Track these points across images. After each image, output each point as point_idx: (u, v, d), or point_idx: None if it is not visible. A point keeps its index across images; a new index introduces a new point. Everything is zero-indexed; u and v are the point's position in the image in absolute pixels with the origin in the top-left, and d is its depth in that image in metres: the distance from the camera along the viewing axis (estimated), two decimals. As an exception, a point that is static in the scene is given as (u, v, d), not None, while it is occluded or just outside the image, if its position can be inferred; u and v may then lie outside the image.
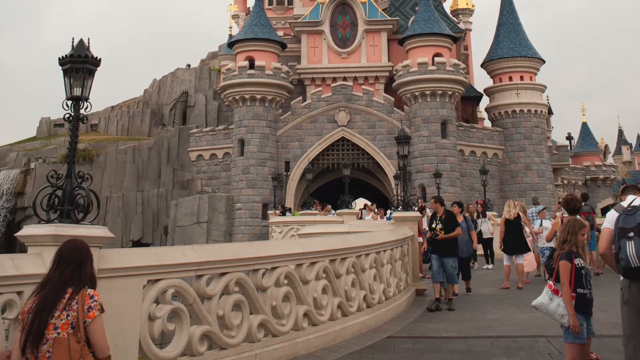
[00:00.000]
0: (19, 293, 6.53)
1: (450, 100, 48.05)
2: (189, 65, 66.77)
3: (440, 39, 48.50)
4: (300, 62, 52.72)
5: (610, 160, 77.44)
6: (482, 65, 55.52)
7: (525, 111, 52.02)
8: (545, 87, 54.32)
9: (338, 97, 49.57)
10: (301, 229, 23.87)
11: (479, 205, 28.52)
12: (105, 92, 63.70)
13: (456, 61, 48.86)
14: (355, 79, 51.76)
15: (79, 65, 7.73)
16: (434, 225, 16.29)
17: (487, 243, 27.17)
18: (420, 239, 19.60)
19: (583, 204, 20.02)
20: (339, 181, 43.74)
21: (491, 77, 54.98)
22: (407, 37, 49.09)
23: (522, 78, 53.19)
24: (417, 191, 44.61)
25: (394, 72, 49.98)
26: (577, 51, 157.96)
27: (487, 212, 28.44)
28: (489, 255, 26.97)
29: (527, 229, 20.55)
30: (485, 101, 56.28)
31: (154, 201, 52.42)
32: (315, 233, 17.43)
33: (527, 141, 51.61)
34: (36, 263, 6.72)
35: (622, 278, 7.66)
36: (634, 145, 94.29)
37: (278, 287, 9.84)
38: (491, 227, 27.03)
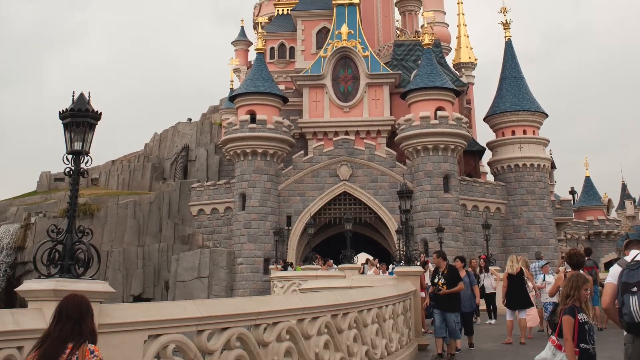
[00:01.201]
0: (19, 348, 6.50)
1: (452, 154, 48.16)
2: (190, 119, 67.05)
3: (442, 93, 48.72)
4: (302, 115, 52.92)
5: (613, 214, 77.35)
6: (484, 119, 55.73)
7: (528, 165, 52.09)
8: (548, 141, 54.46)
9: (340, 151, 49.70)
10: (303, 283, 23.83)
11: (481, 260, 28.46)
12: (106, 146, 63.91)
13: (459, 115, 49.03)
14: (357, 132, 51.90)
15: (80, 119, 7.75)
16: (436, 280, 16.28)
17: (490, 298, 27.08)
18: (423, 294, 19.58)
19: (586, 258, 20.02)
20: (341, 236, 43.72)
21: (494, 131, 55.14)
22: (409, 90, 49.34)
23: (524, 132, 53.33)
24: (420, 246, 44.52)
25: (396, 126, 50.12)
26: (580, 105, 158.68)
27: (490, 267, 28.37)
28: (492, 310, 26.87)
29: (530, 284, 20.49)
30: (488, 155, 56.41)
31: (155, 256, 52.32)
32: (317, 288, 17.40)
33: (530, 195, 51.62)
34: (36, 318, 6.71)
35: (625, 333, 7.65)
36: (637, 200, 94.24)
37: (280, 342, 9.80)
38: (494, 282, 26.96)
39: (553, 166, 61.37)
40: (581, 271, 10.86)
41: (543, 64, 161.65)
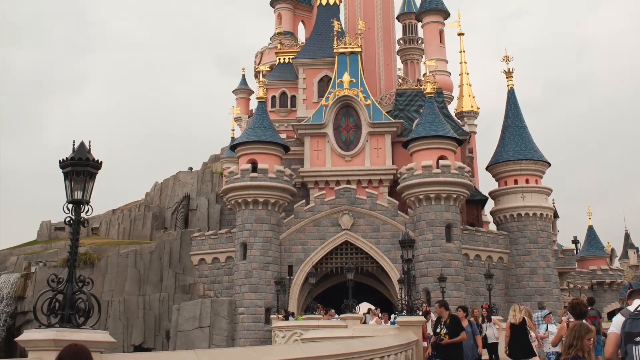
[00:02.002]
0: (20, 397, 6.51)
1: (455, 203, 48.19)
2: (190, 168, 67.18)
3: (444, 142, 48.86)
4: (304, 164, 53.03)
5: (616, 264, 77.15)
6: (487, 168, 55.84)
7: (531, 215, 52.10)
8: (551, 190, 54.53)
9: (341, 200, 49.75)
10: (304, 333, 23.77)
11: (484, 310, 28.33)
12: (106, 195, 63.94)
13: (461, 164, 49.14)
14: (359, 182, 51.97)
15: (80, 168, 7.81)
16: (438, 330, 16.25)
17: (493, 348, 26.91)
18: (425, 344, 19.50)
19: (589, 308, 19.95)
20: (343, 285, 43.56)
21: (496, 180, 55.22)
22: (411, 139, 49.48)
23: (527, 181, 53.41)
24: (422, 295, 44.34)
25: (398, 175, 50.21)
26: (583, 153, 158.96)
27: (493, 317, 28.24)
28: (495, 360, 26.72)
29: (532, 334, 20.41)
30: (490, 204, 56.39)
31: (156, 305, 52.12)
32: (319, 338, 17.36)
33: (533, 245, 51.57)
34: (36, 368, 6.72)
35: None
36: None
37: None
38: (496, 331, 26.81)
39: (556, 215, 61.34)
40: (584, 321, 10.84)
41: (545, 112, 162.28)
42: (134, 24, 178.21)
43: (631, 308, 7.98)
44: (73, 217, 7.66)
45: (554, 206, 57.41)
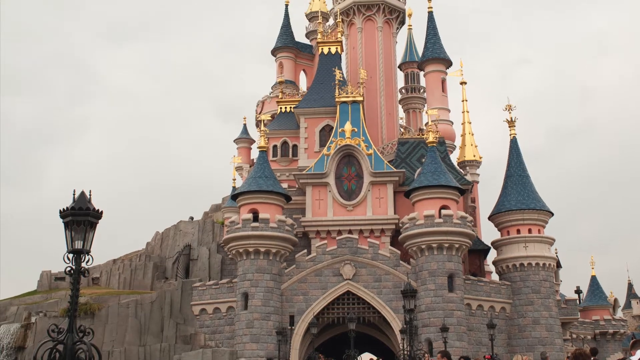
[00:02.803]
0: None
1: (457, 253, 48.23)
2: (192, 218, 67.28)
3: (447, 192, 49.01)
4: (305, 214, 53.21)
5: (619, 314, 76.93)
6: (489, 218, 55.96)
7: (534, 264, 52.13)
8: (554, 240, 54.61)
9: (343, 250, 49.79)
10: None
11: (486, 360, 28.41)
12: (107, 245, 64.05)
13: (463, 214, 49.25)
14: (360, 231, 52.10)
15: (80, 218, 7.93)
16: (439, 380, 16.30)
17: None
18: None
19: (592, 358, 19.99)
20: (345, 335, 43.55)
21: (499, 229, 55.31)
22: (413, 189, 49.60)
23: (530, 231, 53.52)
24: (424, 345, 44.26)
25: (400, 225, 50.31)
26: (586, 202, 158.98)
27: (495, 368, 28.28)
28: (498, 412, 26.71)
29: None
30: (492, 254, 56.44)
31: (157, 356, 51.94)
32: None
33: (535, 295, 51.54)
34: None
35: None
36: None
37: None
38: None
39: (559, 265, 61.27)
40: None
41: (548, 161, 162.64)
42: (134, 74, 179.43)
43: (634, 358, 8.08)
44: (73, 267, 7.77)
45: (556, 256, 57.39)
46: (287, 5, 71.86)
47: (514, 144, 57.79)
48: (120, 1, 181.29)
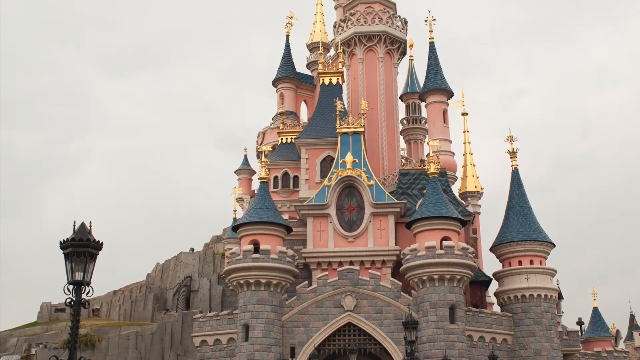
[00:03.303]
0: None
1: (458, 284, 48.26)
2: (192, 249, 67.42)
3: (448, 223, 49.09)
4: (306, 245, 53.27)
5: (621, 345, 76.63)
6: (491, 249, 56.00)
7: (535, 296, 52.14)
8: (556, 272, 54.61)
9: (344, 281, 49.80)
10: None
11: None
12: (107, 276, 64.10)
13: (465, 245, 49.27)
14: (362, 262, 52.14)
15: (81, 249, 8.02)
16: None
17: None
18: None
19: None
20: (346, 367, 43.48)
21: (500, 260, 55.36)
22: (414, 220, 49.68)
23: (531, 262, 53.54)
24: (426, 378, 44.22)
25: (402, 256, 50.34)
26: (588, 233, 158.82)
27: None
28: None
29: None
30: (494, 285, 56.43)
31: (157, 388, 51.97)
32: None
33: (537, 326, 51.50)
34: None
35: None
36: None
37: None
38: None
39: (560, 297, 61.23)
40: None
41: (550, 192, 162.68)
42: (134, 105, 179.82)
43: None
44: (74, 299, 7.85)
45: (558, 287, 57.35)
46: (288, 36, 72.30)
47: (515, 175, 57.95)
48: (119, 32, 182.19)
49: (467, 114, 70.14)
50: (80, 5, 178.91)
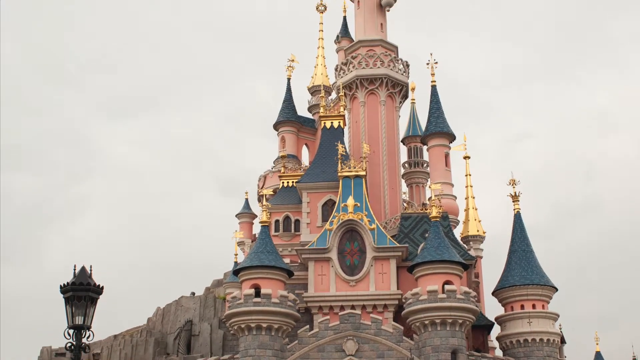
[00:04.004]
0: None
1: (460, 329, 48.27)
2: (193, 294, 67.47)
3: (450, 267, 49.21)
4: (308, 289, 53.34)
5: (625, 388, 76.40)
6: (493, 293, 56.08)
7: (538, 340, 52.11)
8: (558, 316, 54.63)
9: (346, 325, 49.78)
10: None
11: None
12: (107, 320, 64.14)
13: (467, 289, 49.35)
14: (363, 307, 52.20)
15: (81, 293, 8.20)
16: None
17: None
18: None
19: None
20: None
21: (502, 305, 55.42)
22: (416, 264, 49.78)
23: (534, 306, 53.60)
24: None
25: (403, 300, 50.36)
26: (591, 278, 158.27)
27: None
28: None
29: None
30: (496, 329, 56.42)
31: None
32: None
33: (540, 371, 51.56)
34: None
35: None
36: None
37: None
38: None
39: (563, 341, 61.17)
40: None
41: (552, 236, 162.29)
42: (134, 149, 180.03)
43: None
44: (74, 343, 7.99)
45: (561, 331, 57.36)
46: (289, 79, 72.90)
47: (517, 218, 58.15)
48: (119, 76, 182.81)
49: (469, 157, 70.35)
50: (80, 50, 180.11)
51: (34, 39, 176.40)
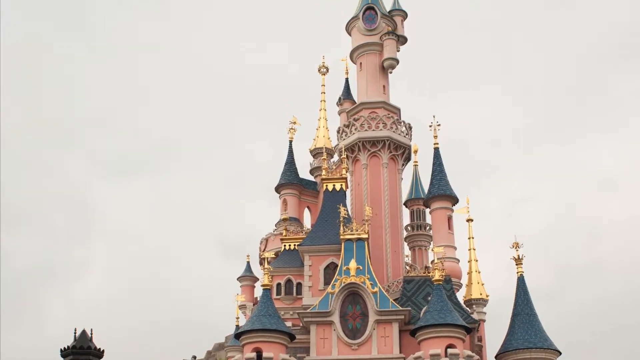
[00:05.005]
0: None
1: (463, 392, 48.28)
2: (194, 357, 67.38)
3: (453, 330, 49.33)
4: (310, 353, 53.25)
5: None
6: (496, 357, 56.09)
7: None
8: (559, 379, 54.75)
9: (348, 392, 49.85)
10: None
11: None
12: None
13: (470, 353, 49.42)
14: (366, 371, 52.21)
15: (82, 357, 8.51)
16: None
17: None
18: None
19: None
20: None
21: (506, 368, 55.41)
22: (419, 327, 49.95)
23: (537, 370, 53.71)
24: None
25: (406, 364, 50.49)
26: (595, 342, 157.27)
27: None
28: None
29: None
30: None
31: None
32: None
33: None
34: None
35: None
36: None
37: None
38: None
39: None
40: None
41: (556, 299, 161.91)
42: (135, 211, 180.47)
43: None
44: None
45: (564, 395, 57.28)
46: (290, 142, 73.27)
47: (521, 282, 58.30)
48: (119, 137, 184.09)
49: (472, 220, 70.46)
50: (81, 111, 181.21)
51: (35, 99, 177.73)
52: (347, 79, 77.73)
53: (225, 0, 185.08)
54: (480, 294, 68.67)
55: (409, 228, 74.72)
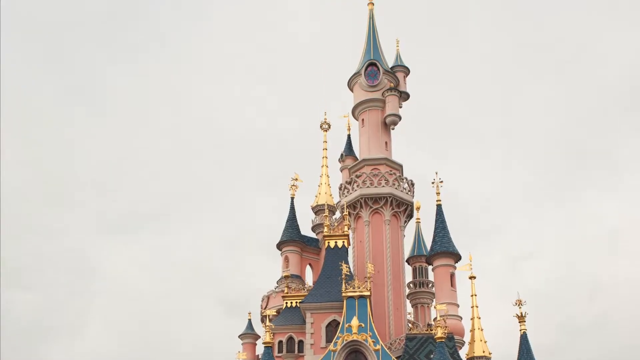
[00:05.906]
0: None
1: None
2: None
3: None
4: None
5: None
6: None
7: None
8: None
9: None
10: None
11: None
12: None
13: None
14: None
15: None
16: None
17: None
18: None
19: None
20: None
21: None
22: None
23: None
24: None
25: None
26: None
27: None
28: None
29: None
30: None
31: None
32: None
33: None
34: None
35: None
36: None
37: None
38: None
39: None
40: None
41: (559, 357, 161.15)
42: (135, 268, 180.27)
43: None
44: None
45: None
46: (292, 198, 73.47)
47: (524, 339, 58.38)
48: (120, 195, 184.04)
49: (474, 277, 70.45)
50: (81, 170, 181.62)
51: (33, 157, 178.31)
52: (349, 135, 78.17)
53: (226, 56, 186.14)
54: (483, 352, 68.39)
55: (411, 285, 74.71)
